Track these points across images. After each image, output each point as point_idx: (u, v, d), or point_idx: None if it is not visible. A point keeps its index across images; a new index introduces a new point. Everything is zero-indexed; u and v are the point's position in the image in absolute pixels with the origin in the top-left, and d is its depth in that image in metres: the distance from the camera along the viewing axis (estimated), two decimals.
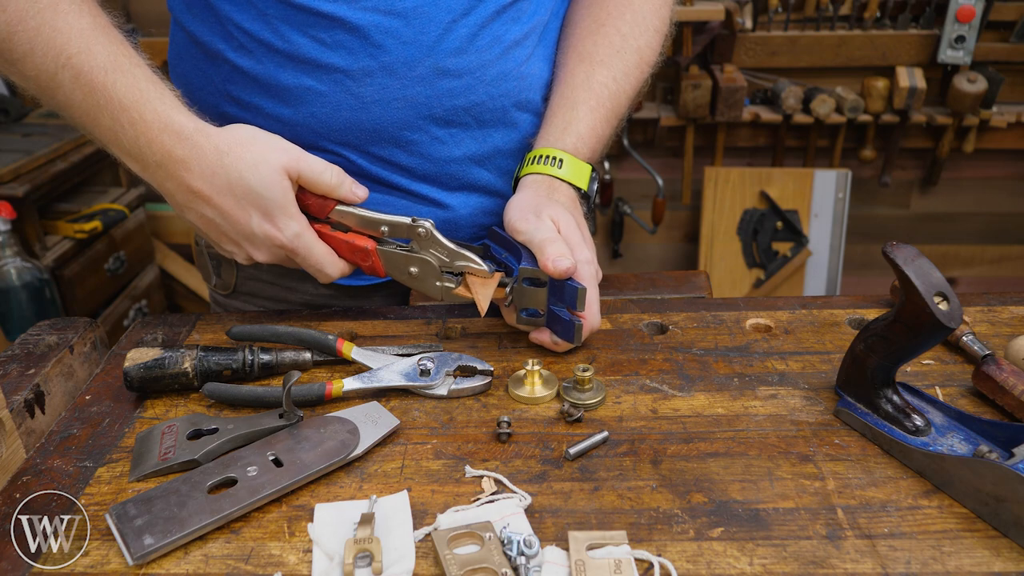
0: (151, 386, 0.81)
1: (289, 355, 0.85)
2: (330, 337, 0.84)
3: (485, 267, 0.86)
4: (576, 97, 0.97)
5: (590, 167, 0.96)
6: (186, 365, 0.81)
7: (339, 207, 0.86)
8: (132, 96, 0.78)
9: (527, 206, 0.88)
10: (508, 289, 0.87)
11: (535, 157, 0.94)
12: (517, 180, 0.96)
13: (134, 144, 0.79)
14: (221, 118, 0.89)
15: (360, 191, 0.86)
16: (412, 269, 0.88)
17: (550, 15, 1.01)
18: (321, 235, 0.86)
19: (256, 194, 0.80)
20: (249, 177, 0.80)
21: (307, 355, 0.85)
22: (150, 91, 0.80)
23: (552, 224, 0.86)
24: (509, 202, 0.91)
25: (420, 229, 0.85)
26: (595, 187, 0.97)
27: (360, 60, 0.89)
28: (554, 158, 0.93)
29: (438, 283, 0.88)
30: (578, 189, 0.94)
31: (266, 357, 0.84)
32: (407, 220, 0.86)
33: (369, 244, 0.87)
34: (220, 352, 0.82)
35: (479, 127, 0.97)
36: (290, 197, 0.82)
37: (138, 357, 0.81)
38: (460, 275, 0.88)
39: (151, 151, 0.79)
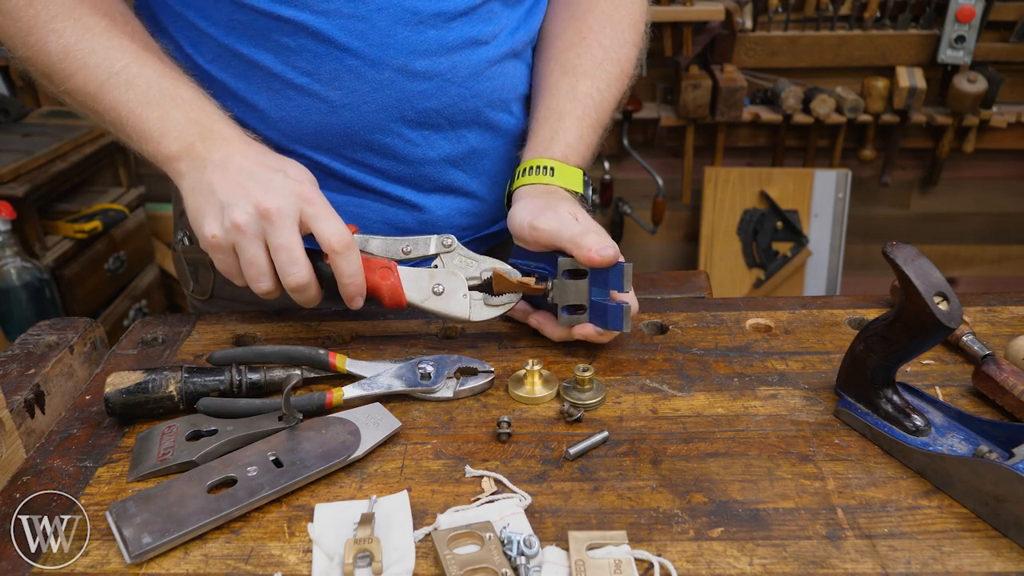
0: (134, 411, 0.77)
1: (278, 373, 0.82)
2: (321, 352, 0.82)
3: (516, 272, 0.87)
4: (563, 108, 0.97)
5: (581, 171, 0.96)
6: (171, 388, 0.77)
7: (357, 236, 0.85)
8: (191, 94, 0.85)
9: (536, 208, 0.88)
10: (549, 284, 0.86)
11: (525, 169, 0.94)
12: (510, 195, 0.96)
13: (189, 123, 0.83)
14: None
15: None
16: (437, 286, 0.86)
17: (520, 19, 1.01)
18: None
19: (290, 164, 0.84)
20: (285, 158, 0.86)
21: (297, 372, 0.82)
22: (205, 94, 0.87)
23: (572, 218, 0.85)
24: (512, 213, 0.90)
25: (447, 240, 0.87)
26: (589, 191, 0.97)
27: (326, 64, 0.89)
28: (544, 167, 0.93)
29: (463, 295, 0.87)
30: (574, 193, 0.94)
31: (254, 376, 0.80)
32: (431, 236, 0.87)
33: (390, 262, 0.86)
34: (206, 373, 0.79)
35: (452, 128, 0.97)
36: (314, 179, 0.85)
37: (119, 382, 0.76)
38: (487, 290, 0.88)
39: (204, 128, 0.83)
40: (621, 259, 0.82)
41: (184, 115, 0.83)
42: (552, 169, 0.93)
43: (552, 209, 0.86)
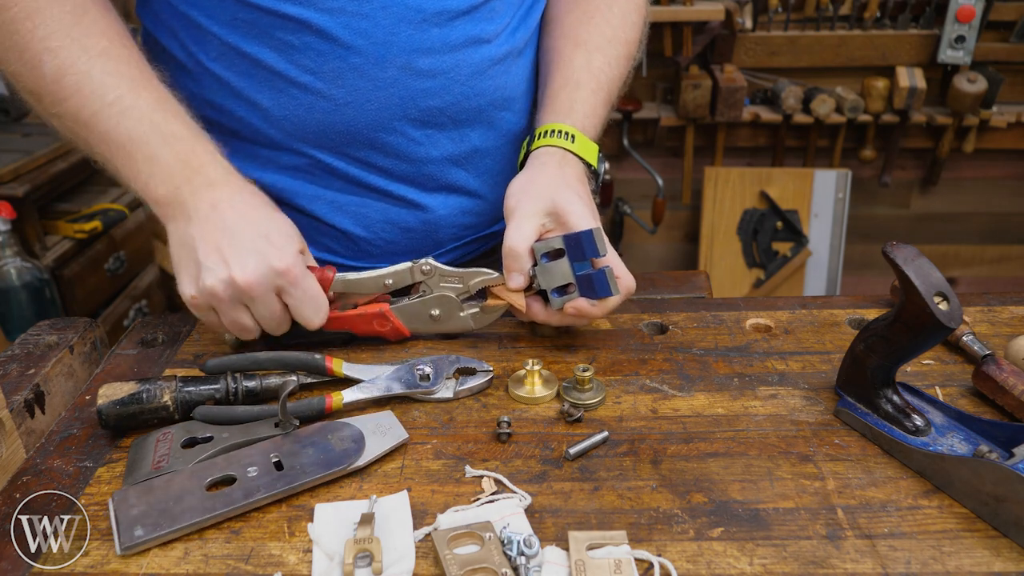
0: (128, 423, 0.76)
1: (274, 380, 0.81)
2: (317, 357, 0.81)
3: (500, 275, 0.88)
4: (579, 79, 0.99)
5: (597, 146, 0.98)
6: (166, 398, 0.76)
7: (337, 277, 0.86)
8: (183, 131, 0.83)
9: (525, 185, 0.90)
10: (531, 270, 0.87)
11: (546, 131, 0.95)
12: (527, 155, 0.96)
13: (178, 165, 0.81)
14: (199, 122, 0.88)
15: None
16: (433, 312, 0.89)
17: (520, 18, 1.01)
18: (331, 320, 0.86)
19: (275, 225, 0.83)
20: (273, 214, 0.84)
21: (293, 378, 0.81)
22: (198, 130, 0.85)
23: (535, 205, 0.87)
24: (512, 181, 0.92)
25: (425, 266, 0.88)
26: (603, 166, 0.98)
27: (329, 62, 0.89)
28: (566, 132, 0.94)
29: (462, 313, 0.89)
30: (588, 165, 0.96)
31: (250, 384, 0.79)
32: (408, 264, 0.88)
33: (382, 307, 0.88)
34: (201, 381, 0.78)
35: (455, 127, 0.97)
36: (299, 244, 0.84)
37: (112, 393, 0.75)
38: (479, 296, 0.89)
39: (193, 172, 0.82)
40: (593, 226, 0.85)
41: (173, 155, 0.81)
42: (573, 136, 0.94)
43: (530, 194, 0.88)
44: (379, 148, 0.95)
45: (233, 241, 0.79)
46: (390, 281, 0.87)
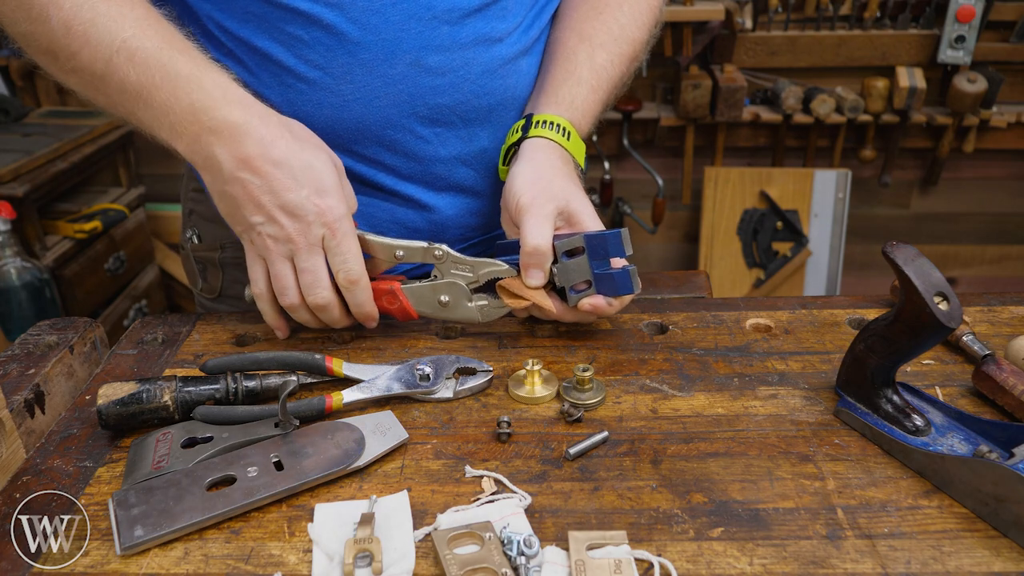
0: (128, 423, 0.76)
1: (274, 380, 0.81)
2: (317, 356, 0.81)
3: (513, 269, 0.88)
4: (580, 74, 0.98)
5: (585, 146, 0.98)
6: (166, 398, 0.76)
7: (356, 231, 0.86)
8: (190, 68, 0.80)
9: (535, 182, 0.89)
10: (552, 268, 0.87)
11: (545, 121, 0.94)
12: (519, 142, 0.95)
13: (190, 112, 0.80)
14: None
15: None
16: (442, 297, 0.89)
17: (532, 18, 1.01)
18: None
19: (315, 171, 0.82)
20: (309, 155, 0.82)
21: (293, 378, 0.81)
22: (207, 65, 0.82)
23: (549, 204, 0.87)
24: (513, 173, 0.91)
25: (437, 251, 0.88)
26: (586, 166, 0.99)
27: (338, 57, 0.90)
28: (563, 128, 0.94)
29: (470, 303, 0.89)
30: (576, 165, 0.96)
31: (250, 384, 0.79)
32: (423, 244, 0.87)
33: (393, 284, 0.88)
34: (201, 381, 0.78)
35: (465, 126, 0.97)
36: (340, 184, 0.84)
37: (112, 393, 0.75)
38: (488, 289, 0.89)
39: (208, 117, 0.80)
40: (599, 228, 0.85)
41: (188, 99, 0.79)
42: (569, 133, 0.94)
43: (551, 197, 0.88)
44: (387, 146, 0.95)
45: (275, 198, 0.80)
46: (401, 252, 0.88)
